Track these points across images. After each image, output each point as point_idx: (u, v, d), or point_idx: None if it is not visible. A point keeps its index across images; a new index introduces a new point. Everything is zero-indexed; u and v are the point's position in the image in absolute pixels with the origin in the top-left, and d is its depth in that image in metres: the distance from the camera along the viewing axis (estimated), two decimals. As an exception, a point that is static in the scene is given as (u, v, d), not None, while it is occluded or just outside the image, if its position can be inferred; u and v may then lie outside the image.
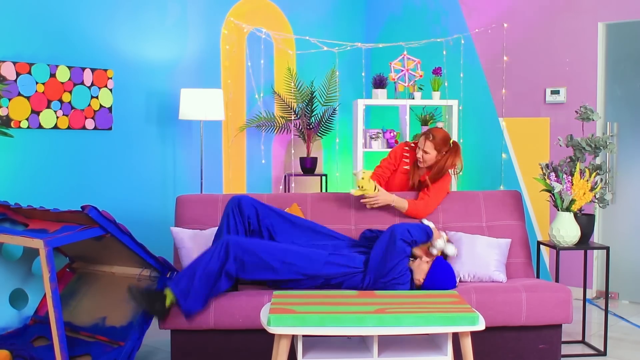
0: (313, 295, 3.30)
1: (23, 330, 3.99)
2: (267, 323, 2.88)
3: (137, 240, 3.73)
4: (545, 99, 5.79)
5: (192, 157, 5.48)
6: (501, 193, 4.55)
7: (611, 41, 5.55)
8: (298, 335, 2.92)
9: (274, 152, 6.12)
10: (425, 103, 5.88)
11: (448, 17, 6.29)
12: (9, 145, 4.35)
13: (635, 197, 5.49)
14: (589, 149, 4.37)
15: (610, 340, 4.43)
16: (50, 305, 3.32)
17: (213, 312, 3.68)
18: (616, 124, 5.52)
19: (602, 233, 5.58)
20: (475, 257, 4.10)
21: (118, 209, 4.88)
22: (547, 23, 5.78)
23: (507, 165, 5.93)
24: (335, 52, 6.24)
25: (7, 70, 4.31)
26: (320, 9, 6.41)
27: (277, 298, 3.16)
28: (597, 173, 4.35)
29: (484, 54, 6.10)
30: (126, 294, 3.72)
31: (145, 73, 5.15)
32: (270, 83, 6.04)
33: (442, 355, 2.99)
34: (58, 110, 4.59)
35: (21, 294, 4.13)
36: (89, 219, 3.52)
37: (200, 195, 4.54)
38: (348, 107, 6.32)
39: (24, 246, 4.11)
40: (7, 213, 3.95)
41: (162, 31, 5.25)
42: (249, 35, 5.87)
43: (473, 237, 4.20)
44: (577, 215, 4.30)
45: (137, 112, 5.11)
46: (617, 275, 5.41)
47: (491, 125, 6.05)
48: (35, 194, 4.47)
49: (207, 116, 5.12)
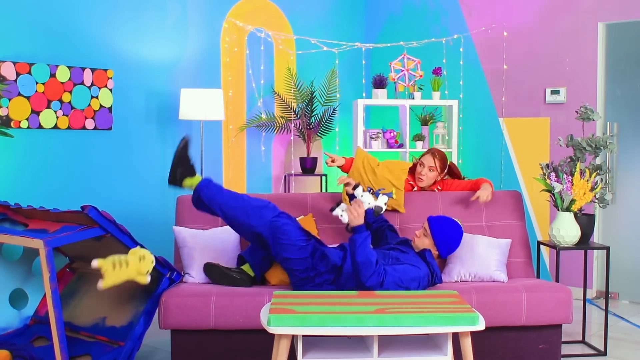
0: (313, 295, 3.29)
1: (23, 330, 3.99)
2: (267, 323, 2.88)
3: (136, 241, 3.74)
4: (545, 99, 5.79)
5: (193, 157, 5.47)
6: (501, 193, 4.55)
7: (611, 41, 5.55)
8: (298, 335, 2.92)
9: (274, 152, 6.12)
10: (425, 103, 5.88)
11: (448, 17, 6.29)
12: (9, 145, 4.35)
13: (635, 197, 5.49)
14: (589, 149, 4.37)
15: (611, 341, 4.43)
16: (50, 305, 3.32)
17: (213, 312, 3.68)
18: (616, 124, 5.52)
19: (602, 233, 5.58)
20: (476, 256, 4.10)
21: (118, 209, 4.88)
22: (547, 23, 5.78)
23: (507, 165, 5.93)
24: (335, 52, 6.24)
25: (7, 70, 4.31)
26: (320, 9, 6.41)
27: (277, 298, 3.16)
28: (597, 173, 4.35)
29: (484, 54, 6.10)
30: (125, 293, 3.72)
31: (145, 73, 5.15)
32: (270, 83, 6.04)
33: (442, 355, 2.98)
34: (58, 110, 4.59)
35: (21, 294, 4.13)
36: (89, 219, 3.52)
37: (200, 195, 4.54)
38: (348, 107, 6.32)
39: (23, 246, 4.12)
40: (7, 213, 3.95)
41: (162, 31, 5.25)
42: (249, 36, 5.87)
43: (474, 237, 4.20)
44: (577, 215, 4.30)
45: (137, 112, 5.11)
46: (617, 275, 5.41)
47: (491, 125, 6.05)
48: (35, 194, 4.47)
49: (207, 116, 5.12)
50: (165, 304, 3.71)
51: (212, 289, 3.82)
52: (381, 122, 6.46)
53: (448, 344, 2.97)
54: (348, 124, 6.39)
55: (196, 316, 3.67)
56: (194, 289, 3.85)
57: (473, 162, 6.14)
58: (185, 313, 3.68)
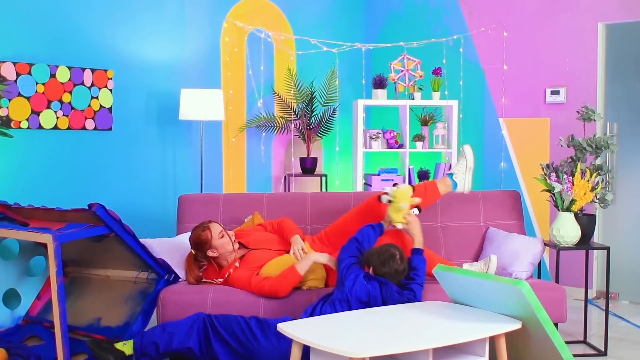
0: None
1: (15, 330, 4.00)
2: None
3: (139, 241, 3.74)
4: (545, 99, 5.78)
5: (192, 157, 5.48)
6: (500, 193, 4.55)
7: (611, 41, 5.55)
8: None
9: (274, 152, 6.11)
10: (425, 103, 5.88)
11: (448, 17, 6.29)
12: (9, 145, 4.35)
13: (635, 197, 5.48)
14: (589, 149, 4.36)
15: (611, 341, 4.43)
16: (54, 300, 3.37)
17: (210, 309, 3.71)
18: (616, 124, 5.52)
19: (603, 233, 5.58)
20: (512, 254, 4.15)
21: (118, 210, 4.86)
22: (547, 23, 5.78)
23: (507, 165, 5.93)
24: (335, 53, 6.24)
25: (7, 71, 4.31)
26: (320, 9, 6.42)
27: None
28: (597, 173, 4.35)
29: (484, 54, 6.10)
30: (121, 295, 3.73)
31: (146, 73, 5.15)
32: (270, 83, 6.04)
33: (480, 357, 3.04)
34: (58, 111, 4.59)
35: (14, 294, 4.13)
36: (94, 218, 3.53)
37: (202, 195, 4.55)
38: (348, 107, 6.32)
39: (21, 246, 4.12)
40: (5, 212, 3.95)
41: (162, 31, 5.25)
42: (249, 36, 5.87)
43: (510, 235, 4.27)
44: (577, 215, 4.30)
45: (137, 112, 5.11)
46: (617, 276, 5.41)
47: (491, 125, 6.05)
48: (35, 195, 4.47)
49: (207, 116, 5.12)
50: (163, 301, 3.75)
51: (209, 287, 3.87)
52: (381, 122, 6.46)
53: (485, 347, 3.01)
54: (348, 124, 6.39)
55: (193, 312, 3.70)
56: (191, 286, 3.90)
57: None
58: (182, 309, 3.72)
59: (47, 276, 4.22)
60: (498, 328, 3.03)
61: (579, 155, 4.40)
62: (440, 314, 3.21)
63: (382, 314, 3.19)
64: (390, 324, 3.05)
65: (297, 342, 2.91)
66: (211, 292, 3.77)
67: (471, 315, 3.17)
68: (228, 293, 3.78)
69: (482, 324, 3.05)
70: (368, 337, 2.91)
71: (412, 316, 3.17)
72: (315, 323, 3.05)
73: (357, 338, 2.88)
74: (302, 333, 2.90)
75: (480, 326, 3.02)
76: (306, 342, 2.84)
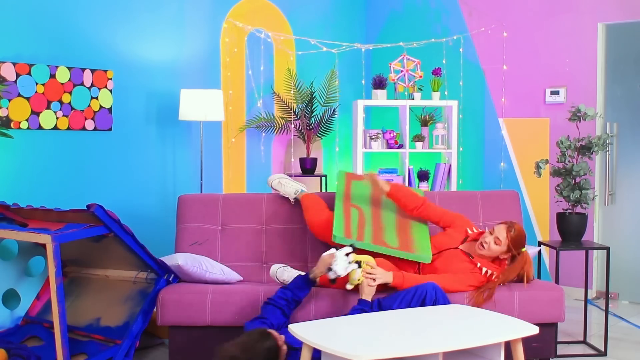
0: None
1: (15, 330, 4.01)
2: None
3: (138, 241, 3.75)
4: (545, 99, 5.79)
5: (192, 157, 5.48)
6: (499, 193, 4.55)
7: (611, 41, 5.55)
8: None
9: (274, 153, 6.12)
10: (425, 104, 5.88)
11: (448, 17, 6.29)
12: (8, 146, 4.35)
13: (635, 197, 5.48)
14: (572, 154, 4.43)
15: (611, 341, 4.43)
16: (54, 300, 3.37)
17: (209, 309, 3.71)
18: (616, 124, 5.52)
19: (602, 233, 5.58)
20: None
21: (118, 210, 4.86)
22: (546, 23, 5.78)
23: (507, 166, 5.92)
24: (335, 53, 6.24)
25: (7, 71, 4.32)
26: (320, 10, 6.42)
27: None
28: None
29: (484, 54, 6.10)
30: (120, 295, 3.73)
31: (145, 74, 5.15)
32: (270, 84, 6.04)
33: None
34: (58, 111, 4.60)
35: (14, 295, 4.14)
36: (93, 218, 3.54)
37: (201, 195, 4.56)
38: (348, 107, 6.33)
39: (20, 246, 4.13)
40: (5, 213, 3.95)
41: (162, 32, 5.26)
42: (249, 36, 5.87)
43: None
44: (570, 215, 4.31)
45: (137, 112, 5.12)
46: (617, 276, 5.41)
47: (491, 125, 6.05)
48: (35, 195, 4.47)
49: (207, 117, 5.13)
50: (163, 301, 3.76)
51: (208, 287, 3.87)
52: (381, 122, 6.47)
53: (501, 352, 3.00)
54: (348, 124, 6.39)
55: (193, 312, 3.72)
56: (190, 286, 3.91)
57: (473, 163, 6.14)
58: (182, 309, 3.73)
59: (46, 276, 4.22)
60: (513, 333, 3.01)
61: (565, 156, 4.47)
62: (456, 316, 3.21)
63: (396, 317, 3.22)
64: (401, 326, 3.07)
65: (307, 345, 2.91)
66: (210, 293, 3.78)
67: (487, 319, 3.16)
68: (228, 294, 3.78)
69: (497, 328, 3.04)
70: (377, 340, 2.91)
71: (426, 318, 3.18)
72: (326, 325, 3.06)
73: (366, 341, 2.89)
74: (312, 335, 2.90)
75: (494, 331, 3.01)
76: (315, 345, 2.84)
